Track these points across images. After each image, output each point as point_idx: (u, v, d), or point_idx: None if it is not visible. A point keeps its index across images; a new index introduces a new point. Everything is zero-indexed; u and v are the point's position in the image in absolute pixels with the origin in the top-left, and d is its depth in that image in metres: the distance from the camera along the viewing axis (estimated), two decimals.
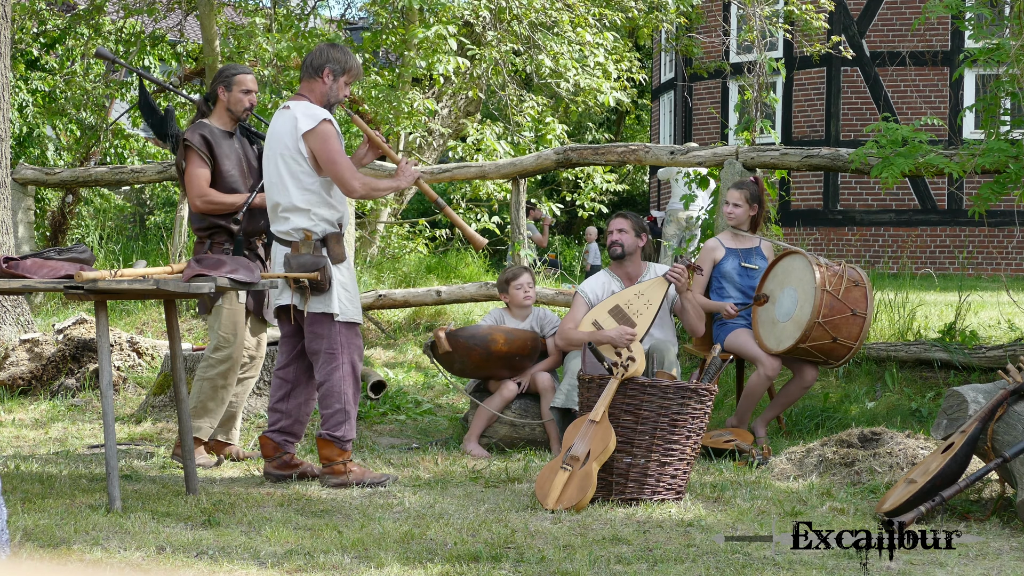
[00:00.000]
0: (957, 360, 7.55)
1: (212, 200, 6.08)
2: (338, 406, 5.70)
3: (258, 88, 6.41)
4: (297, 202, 5.65)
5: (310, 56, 5.81)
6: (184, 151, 6.12)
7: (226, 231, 6.12)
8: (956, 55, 17.46)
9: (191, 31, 17.72)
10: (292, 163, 5.65)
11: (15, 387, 8.10)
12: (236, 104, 6.17)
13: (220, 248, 6.10)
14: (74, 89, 14.78)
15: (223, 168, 6.11)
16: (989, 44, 7.06)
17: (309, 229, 5.64)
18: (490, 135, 12.05)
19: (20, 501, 5.22)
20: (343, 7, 47.94)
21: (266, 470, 5.89)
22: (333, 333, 5.68)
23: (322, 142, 5.61)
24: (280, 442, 5.84)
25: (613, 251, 6.73)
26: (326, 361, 5.70)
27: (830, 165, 8.05)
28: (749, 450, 6.22)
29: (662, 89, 23.00)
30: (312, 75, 5.76)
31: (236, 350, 6.19)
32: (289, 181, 5.65)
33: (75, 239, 13.80)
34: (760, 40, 9.91)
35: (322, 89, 5.76)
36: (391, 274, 11.03)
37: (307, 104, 5.71)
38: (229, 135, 6.20)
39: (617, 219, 6.78)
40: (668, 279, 6.50)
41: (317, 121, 5.63)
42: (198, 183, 6.07)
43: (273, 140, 5.73)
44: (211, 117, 6.22)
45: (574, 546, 4.61)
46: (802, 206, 18.59)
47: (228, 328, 6.18)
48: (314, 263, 5.61)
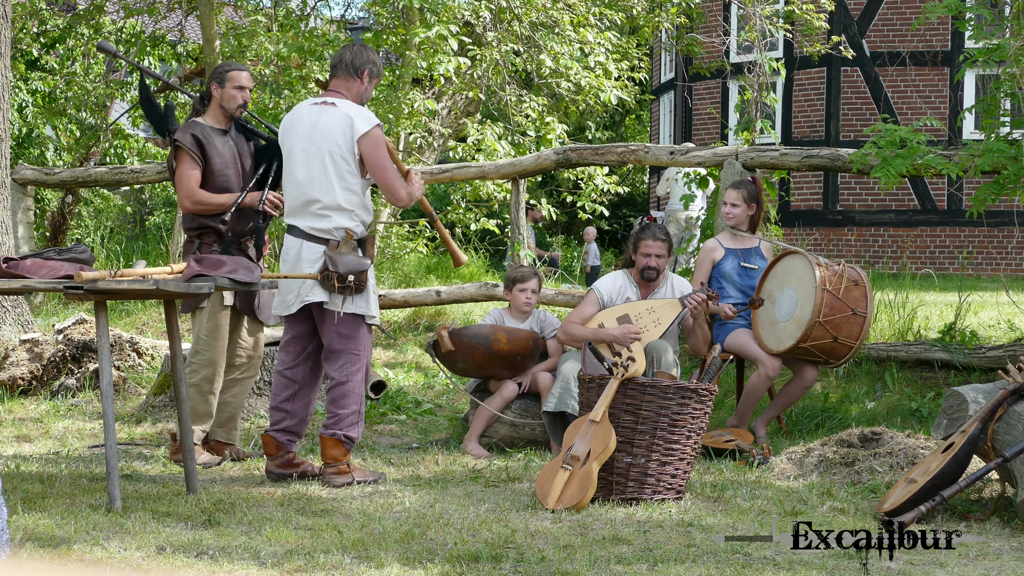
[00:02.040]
0: (957, 360, 7.55)
1: (200, 200, 6.04)
2: (355, 407, 5.73)
3: (258, 87, 6.38)
4: (342, 202, 5.64)
5: (347, 55, 5.77)
6: (175, 151, 6.08)
7: (215, 231, 6.08)
8: (956, 55, 17.47)
9: (191, 31, 17.72)
10: (341, 162, 5.64)
11: (15, 387, 8.10)
12: (229, 101, 6.13)
13: (209, 248, 6.06)
14: (74, 89, 14.78)
15: (215, 167, 6.07)
16: (989, 44, 7.06)
17: (352, 229, 5.65)
18: (490, 135, 12.04)
19: (20, 501, 5.22)
20: (343, 7, 47.95)
21: (268, 468, 5.90)
22: (361, 335, 5.71)
23: (376, 147, 5.63)
24: (284, 441, 5.85)
25: (647, 275, 6.57)
26: (350, 361, 5.70)
27: (830, 165, 8.05)
28: (749, 450, 6.22)
29: (662, 89, 23.00)
30: (351, 74, 5.75)
31: (217, 353, 6.15)
32: (336, 180, 5.63)
33: (75, 239, 13.80)
34: (760, 40, 9.90)
35: (359, 89, 5.77)
36: (391, 274, 11.03)
37: (354, 105, 5.70)
38: (223, 133, 6.15)
39: (655, 243, 6.54)
40: (684, 305, 6.45)
41: (372, 125, 5.64)
42: (187, 184, 6.03)
43: (318, 136, 5.67)
44: (205, 115, 6.19)
45: (574, 546, 4.61)
46: (802, 206, 18.59)
47: (208, 331, 6.14)
48: (360, 264, 5.62)
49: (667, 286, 6.66)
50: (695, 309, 6.41)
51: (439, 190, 20.07)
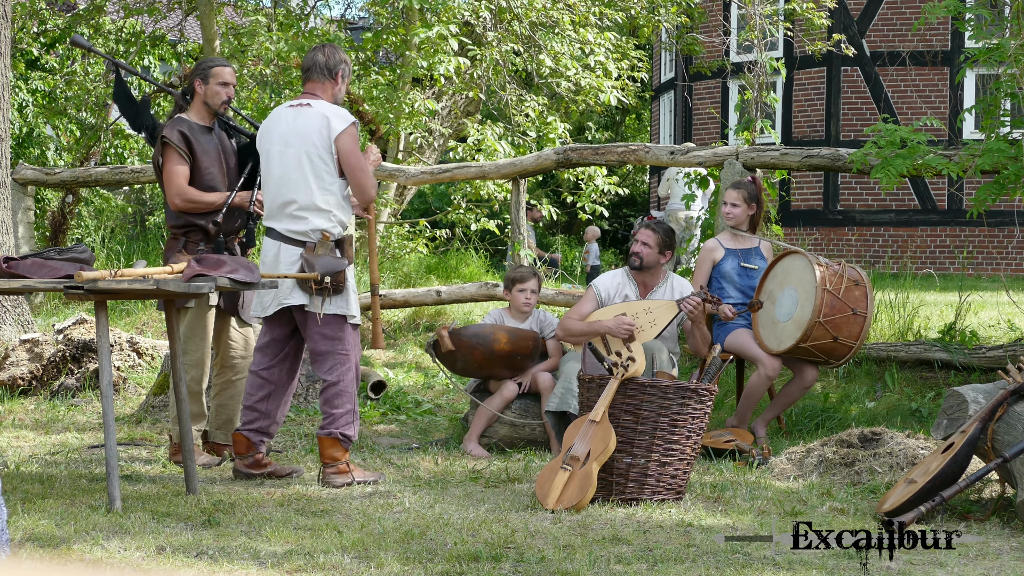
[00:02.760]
0: (957, 360, 7.55)
1: (191, 198, 6.01)
2: (349, 406, 5.72)
3: (258, 87, 6.36)
4: (319, 202, 5.63)
5: (319, 57, 5.76)
6: (162, 147, 6.02)
7: (202, 230, 6.04)
8: (956, 55, 17.46)
9: (191, 31, 17.73)
10: (319, 162, 5.62)
11: (15, 387, 8.10)
12: (213, 97, 6.09)
13: (195, 247, 6.03)
14: (74, 89, 14.78)
15: (202, 164, 6.03)
16: (989, 44, 7.05)
17: (328, 231, 5.64)
18: (491, 135, 12.04)
19: (20, 501, 5.22)
20: (343, 7, 47.96)
21: (236, 467, 5.88)
22: (346, 334, 5.70)
23: (354, 145, 5.63)
24: (255, 441, 5.84)
25: (632, 261, 6.62)
26: (339, 362, 5.69)
27: (830, 165, 8.05)
28: (749, 450, 6.22)
29: (662, 89, 23.00)
30: (326, 76, 5.74)
31: (204, 354, 6.14)
32: (313, 180, 5.62)
33: (75, 239, 13.80)
34: (760, 40, 9.90)
35: (334, 90, 5.77)
36: (391, 274, 11.03)
37: (329, 104, 5.70)
38: (207, 130, 6.11)
39: (645, 231, 6.59)
40: (681, 308, 6.44)
41: (348, 123, 5.63)
42: (177, 181, 5.99)
43: (295, 136, 5.66)
44: (189, 111, 6.14)
45: (574, 546, 4.61)
46: (802, 206, 18.59)
47: (195, 331, 6.13)
48: (336, 265, 5.61)
49: (667, 286, 6.65)
50: (691, 312, 6.40)
51: (439, 189, 20.07)
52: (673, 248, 6.66)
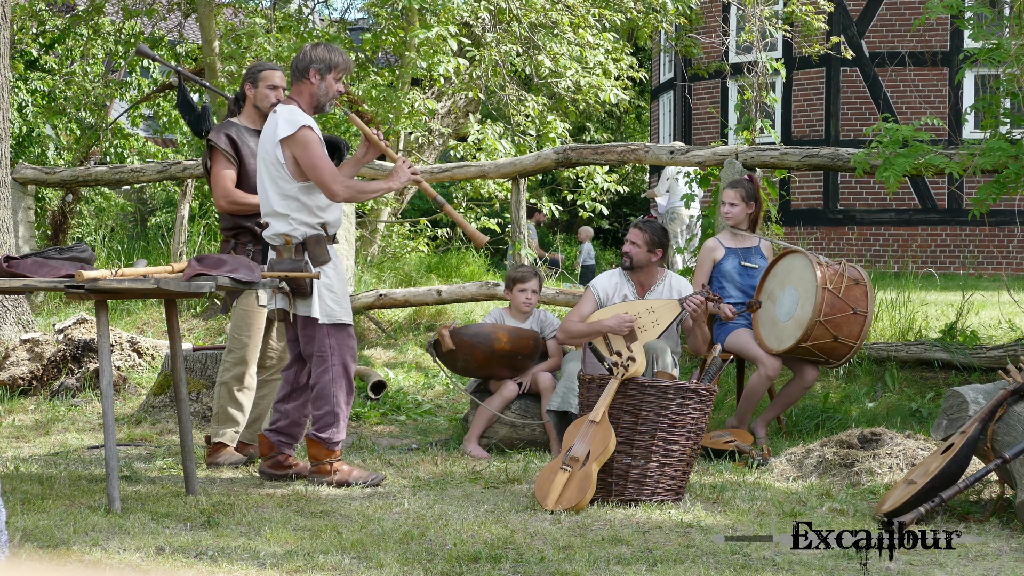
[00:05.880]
0: (957, 360, 7.55)
1: (236, 200, 6.11)
2: (327, 408, 5.69)
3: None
4: (277, 207, 5.64)
5: (295, 59, 5.79)
6: (209, 151, 6.15)
7: (250, 232, 6.13)
8: (956, 55, 17.46)
9: (190, 32, 17.73)
10: (272, 168, 5.64)
11: (15, 387, 8.10)
12: (262, 100, 6.18)
13: (244, 248, 6.12)
14: (74, 89, 14.79)
15: (248, 167, 6.12)
16: (989, 44, 7.05)
17: (288, 234, 5.64)
18: (491, 135, 12.05)
19: (20, 502, 5.22)
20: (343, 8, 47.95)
21: (260, 468, 5.91)
22: (321, 336, 5.67)
23: (303, 148, 5.57)
24: (275, 442, 5.85)
25: (623, 262, 6.61)
26: (317, 364, 5.70)
27: (830, 165, 8.05)
28: (749, 451, 6.22)
29: (662, 89, 22.99)
30: (299, 77, 5.72)
31: (250, 352, 6.18)
32: (270, 186, 5.65)
33: (76, 238, 13.80)
34: (760, 40, 9.90)
35: (311, 90, 5.71)
36: (392, 273, 11.03)
37: (292, 109, 5.66)
38: (256, 133, 6.18)
39: (633, 230, 6.59)
40: (683, 307, 6.42)
41: (296, 127, 5.58)
42: (223, 183, 6.10)
43: (261, 144, 5.73)
44: (240, 116, 6.26)
45: (574, 547, 4.61)
46: (802, 205, 18.59)
47: (241, 330, 6.18)
48: (293, 267, 5.60)
49: (665, 285, 6.63)
50: (694, 311, 6.39)
51: (438, 190, 20.07)
52: (665, 246, 6.58)
